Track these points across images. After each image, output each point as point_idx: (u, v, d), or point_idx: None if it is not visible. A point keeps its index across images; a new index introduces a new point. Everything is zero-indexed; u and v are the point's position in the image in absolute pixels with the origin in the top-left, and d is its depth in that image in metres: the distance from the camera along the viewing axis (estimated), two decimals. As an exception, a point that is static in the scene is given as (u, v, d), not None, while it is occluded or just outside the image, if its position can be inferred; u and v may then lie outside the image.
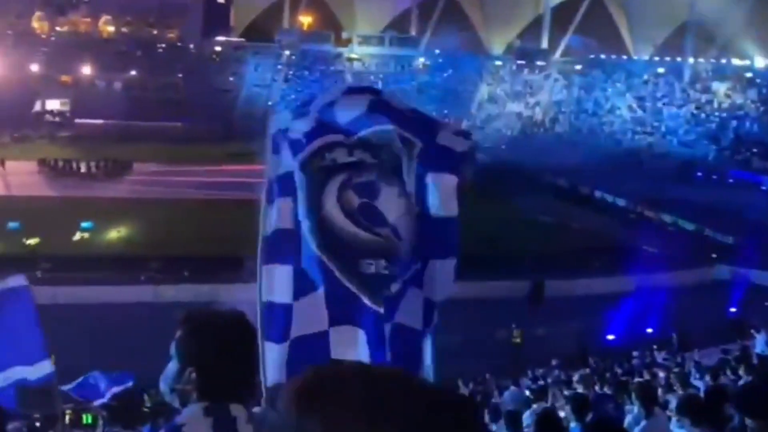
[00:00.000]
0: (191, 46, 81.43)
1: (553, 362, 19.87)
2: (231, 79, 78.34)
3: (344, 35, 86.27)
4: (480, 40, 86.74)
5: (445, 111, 77.60)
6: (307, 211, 3.00)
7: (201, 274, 28.59)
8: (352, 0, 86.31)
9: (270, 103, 76.98)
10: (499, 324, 24.70)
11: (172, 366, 2.31)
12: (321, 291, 2.95)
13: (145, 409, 15.05)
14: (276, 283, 3.03)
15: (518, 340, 23.78)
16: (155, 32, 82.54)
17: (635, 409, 7.35)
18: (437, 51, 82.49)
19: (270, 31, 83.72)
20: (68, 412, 14.36)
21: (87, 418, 13.25)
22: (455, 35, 78.46)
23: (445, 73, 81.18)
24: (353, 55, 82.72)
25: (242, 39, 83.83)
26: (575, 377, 12.62)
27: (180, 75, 76.54)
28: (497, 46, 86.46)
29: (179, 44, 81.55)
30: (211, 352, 2.25)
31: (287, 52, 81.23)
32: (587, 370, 16.34)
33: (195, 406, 2.26)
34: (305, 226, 3.00)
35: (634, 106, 72.68)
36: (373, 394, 0.98)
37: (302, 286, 2.99)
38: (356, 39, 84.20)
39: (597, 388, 11.78)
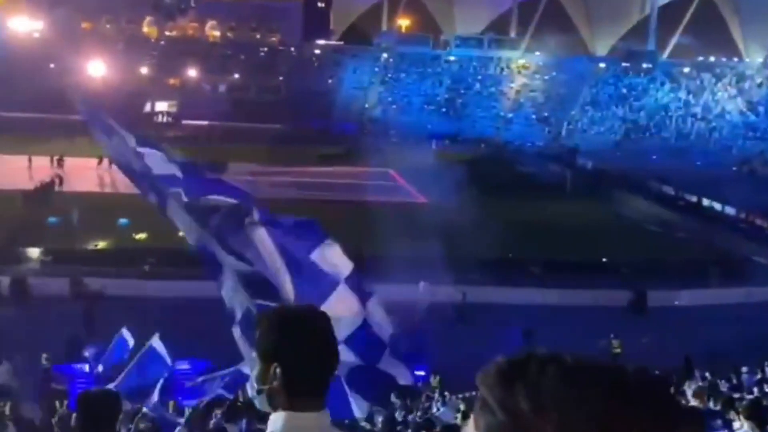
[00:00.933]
0: (292, 49, 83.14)
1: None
2: (329, 81, 79.48)
3: (442, 37, 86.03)
4: (583, 41, 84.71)
5: (546, 114, 76.13)
6: None
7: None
8: (451, 2, 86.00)
9: (367, 105, 77.67)
10: (598, 333, 23.93)
11: (256, 368, 2.32)
12: None
13: (239, 404, 15.33)
14: None
15: (618, 351, 22.94)
16: (258, 36, 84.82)
17: (744, 427, 6.90)
18: (538, 53, 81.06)
19: (368, 34, 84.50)
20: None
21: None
22: (557, 36, 76.86)
23: (545, 75, 79.64)
24: (451, 58, 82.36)
25: (341, 42, 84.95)
26: (689, 391, 12.00)
27: (280, 78, 78.32)
28: (601, 48, 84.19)
29: (280, 48, 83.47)
30: (292, 345, 2.26)
31: (385, 55, 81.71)
32: (699, 384, 15.53)
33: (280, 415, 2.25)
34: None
35: (746, 110, 69.19)
36: (568, 382, 0.96)
37: None
38: (454, 41, 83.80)
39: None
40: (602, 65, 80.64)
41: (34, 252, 30.35)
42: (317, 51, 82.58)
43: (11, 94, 66.50)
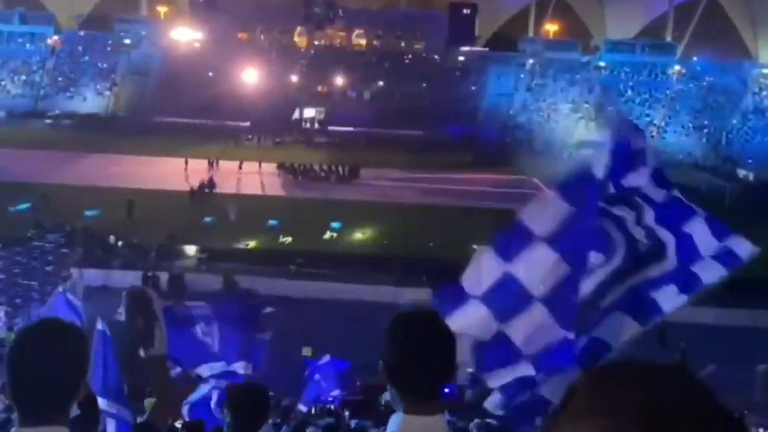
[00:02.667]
0: (436, 56, 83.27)
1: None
2: (473, 88, 78.89)
3: (592, 42, 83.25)
4: (745, 45, 79.32)
5: (705, 122, 71.78)
6: None
7: (439, 278, 28.70)
8: (602, 6, 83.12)
9: (511, 112, 76.38)
10: (758, 357, 21.96)
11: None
12: None
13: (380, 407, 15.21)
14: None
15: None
16: (402, 44, 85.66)
17: None
18: (695, 58, 76.66)
19: (514, 40, 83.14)
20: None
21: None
22: (717, 40, 72.34)
23: (704, 81, 75.13)
24: (601, 63, 79.50)
25: (486, 48, 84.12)
26: None
27: (424, 85, 78.58)
28: (766, 52, 78.48)
29: (425, 55, 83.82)
30: (397, 347, 2.33)
31: (531, 61, 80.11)
32: None
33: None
34: None
35: None
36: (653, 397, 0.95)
37: None
38: (605, 46, 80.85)
39: None
40: (766, 71, 75.11)
41: (191, 250, 31.85)
42: (461, 58, 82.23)
43: (172, 100, 70.86)
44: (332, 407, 14.47)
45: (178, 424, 10.17)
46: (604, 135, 3.77)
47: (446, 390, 4.16)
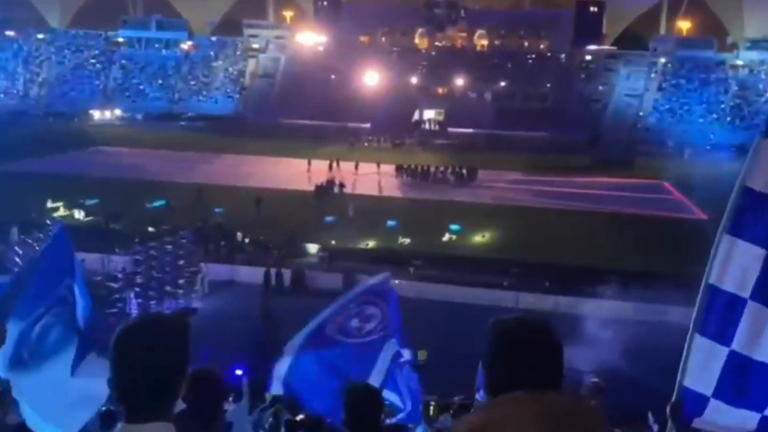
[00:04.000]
0: (561, 55, 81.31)
1: None
2: (600, 88, 76.46)
3: (729, 40, 78.75)
4: None
5: None
6: None
7: (560, 284, 27.93)
8: (740, 2, 78.46)
9: (641, 113, 73.45)
10: None
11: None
12: None
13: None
14: (728, 267, 2.97)
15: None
16: (526, 44, 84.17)
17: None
18: None
19: (644, 38, 79.94)
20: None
21: None
22: None
23: None
24: (739, 62, 75.01)
25: (614, 47, 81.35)
26: None
27: (548, 85, 76.89)
28: None
29: (549, 54, 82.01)
30: (502, 357, 2.25)
31: (662, 60, 76.72)
32: None
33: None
34: None
35: None
36: None
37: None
38: (744, 44, 76.23)
39: None
40: None
41: (312, 248, 32.47)
42: (588, 57, 79.89)
43: (297, 102, 72.80)
44: (452, 410, 14.25)
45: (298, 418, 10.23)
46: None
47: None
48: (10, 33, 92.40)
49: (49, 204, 36.63)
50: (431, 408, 14.76)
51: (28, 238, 27.85)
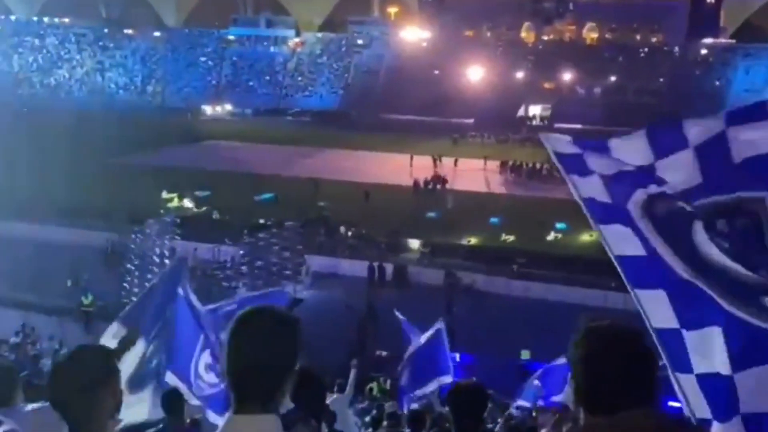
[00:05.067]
0: (675, 49, 78.02)
1: None
2: (717, 83, 72.88)
3: None
4: None
5: None
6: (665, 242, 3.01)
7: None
8: None
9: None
10: None
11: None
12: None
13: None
14: (651, 308, 2.99)
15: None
16: (638, 37, 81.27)
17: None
18: None
19: (766, 31, 75.59)
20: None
21: None
22: None
23: None
24: None
25: (732, 40, 77.33)
26: None
27: (660, 80, 73.97)
28: None
29: (663, 48, 78.86)
30: (589, 365, 2.13)
31: (787, 53, 72.40)
32: None
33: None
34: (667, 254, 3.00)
35: None
36: None
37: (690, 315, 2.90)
38: None
39: None
40: None
41: (414, 243, 32.47)
42: (704, 51, 76.29)
43: (400, 98, 73.04)
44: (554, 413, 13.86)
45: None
46: None
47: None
48: (128, 31, 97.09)
49: (164, 195, 38.22)
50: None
51: (145, 229, 29.13)
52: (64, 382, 2.46)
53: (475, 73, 77.63)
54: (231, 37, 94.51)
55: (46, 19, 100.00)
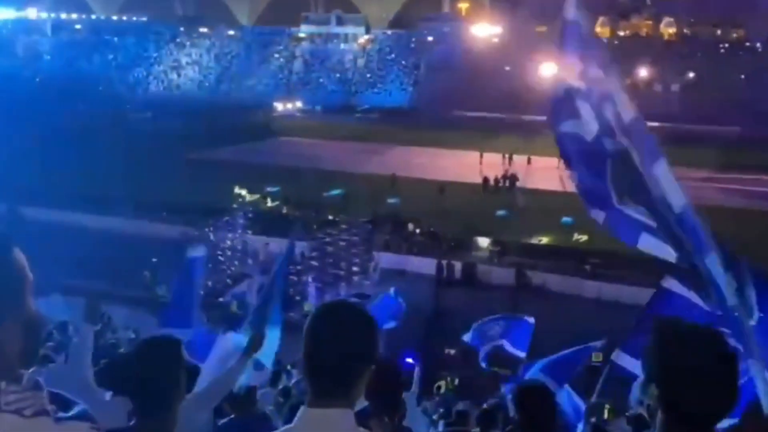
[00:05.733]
0: (758, 45, 75.00)
1: None
2: (804, 80, 69.76)
3: None
4: None
5: None
6: None
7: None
8: None
9: None
10: None
11: (642, 376, 2.15)
12: None
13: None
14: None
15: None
16: (718, 32, 78.51)
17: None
18: None
19: None
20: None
21: None
22: None
23: None
24: None
25: (820, 35, 73.94)
26: None
27: (742, 76, 71.22)
28: None
29: (745, 44, 75.95)
30: (674, 371, 1.99)
31: None
32: None
33: None
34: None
35: None
36: None
37: None
38: None
39: None
40: None
41: (484, 242, 32.10)
42: (789, 46, 73.21)
43: (471, 94, 72.45)
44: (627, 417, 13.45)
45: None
46: None
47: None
48: (203, 30, 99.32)
49: (236, 190, 38.87)
50: (605, 411, 14.07)
51: (218, 223, 29.69)
52: (137, 369, 2.66)
53: (548, 69, 76.28)
54: (302, 35, 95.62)
55: (124, 18, 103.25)
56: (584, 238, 32.54)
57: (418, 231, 32.81)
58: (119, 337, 18.81)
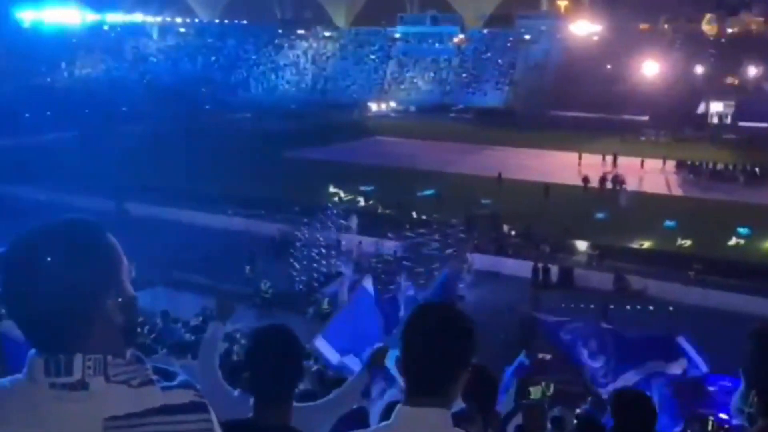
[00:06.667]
0: None
1: None
2: None
3: None
4: None
5: None
6: None
7: None
8: None
9: None
10: None
11: (743, 383, 2.14)
12: None
13: None
14: None
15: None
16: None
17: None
18: None
19: None
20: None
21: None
22: None
23: None
24: None
25: None
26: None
27: None
28: None
29: None
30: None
31: None
32: None
33: None
34: None
35: None
36: None
37: None
38: None
39: None
40: None
41: (582, 245, 31.30)
42: None
43: (569, 94, 70.83)
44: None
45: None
46: None
47: None
48: (300, 32, 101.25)
49: (331, 189, 39.38)
50: (710, 423, 13.47)
51: (313, 221, 30.15)
52: (257, 357, 2.78)
53: (651, 68, 73.79)
54: (397, 35, 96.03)
55: (226, 21, 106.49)
56: (688, 243, 31.28)
57: (513, 232, 32.31)
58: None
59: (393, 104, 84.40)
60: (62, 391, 1.49)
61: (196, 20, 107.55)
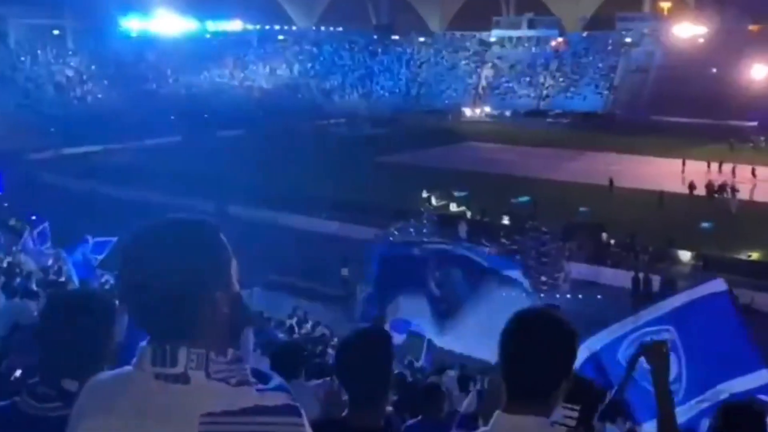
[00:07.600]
0: None
1: None
2: None
3: None
4: None
5: None
6: None
7: None
8: None
9: None
10: None
11: None
12: None
13: None
14: None
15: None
16: None
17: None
18: None
19: None
20: None
21: None
22: None
23: None
24: None
25: None
26: None
27: None
28: None
29: None
30: None
31: None
32: None
33: None
34: None
35: None
36: None
37: None
38: None
39: None
40: None
41: (685, 255, 30.04)
42: None
43: (672, 98, 68.30)
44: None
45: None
46: None
47: None
48: (395, 37, 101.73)
49: (424, 194, 39.26)
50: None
51: (407, 227, 30.07)
52: (352, 358, 2.78)
53: (760, 72, 70.25)
54: (492, 39, 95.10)
55: (323, 28, 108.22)
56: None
57: (612, 241, 31.28)
58: (311, 332, 19.57)
59: (488, 109, 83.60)
60: (166, 382, 1.55)
61: (294, 28, 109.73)
